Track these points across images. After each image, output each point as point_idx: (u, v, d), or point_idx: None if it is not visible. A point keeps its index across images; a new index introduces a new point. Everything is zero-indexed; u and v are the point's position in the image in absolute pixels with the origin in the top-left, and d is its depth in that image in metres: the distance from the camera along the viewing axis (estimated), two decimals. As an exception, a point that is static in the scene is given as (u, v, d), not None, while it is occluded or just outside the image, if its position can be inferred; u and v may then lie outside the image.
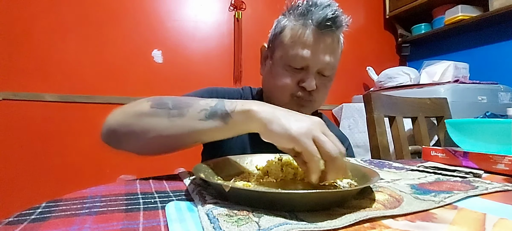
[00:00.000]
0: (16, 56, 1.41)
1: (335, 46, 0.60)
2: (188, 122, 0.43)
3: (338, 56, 0.63)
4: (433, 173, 0.49)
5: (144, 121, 0.44)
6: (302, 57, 0.58)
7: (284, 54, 0.61)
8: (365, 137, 1.68)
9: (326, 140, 0.35)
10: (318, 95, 0.62)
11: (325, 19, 0.56)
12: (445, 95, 1.32)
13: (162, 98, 0.46)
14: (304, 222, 0.24)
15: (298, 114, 0.39)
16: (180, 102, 0.44)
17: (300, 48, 0.58)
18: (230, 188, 0.28)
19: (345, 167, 0.36)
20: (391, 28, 2.38)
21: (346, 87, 2.16)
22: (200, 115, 0.42)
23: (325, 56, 0.59)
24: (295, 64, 0.59)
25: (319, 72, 0.61)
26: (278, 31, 0.63)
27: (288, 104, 0.61)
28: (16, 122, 1.41)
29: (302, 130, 0.35)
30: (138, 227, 0.25)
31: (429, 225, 0.25)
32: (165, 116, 0.43)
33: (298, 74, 0.60)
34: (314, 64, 0.59)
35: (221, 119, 0.42)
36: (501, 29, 1.79)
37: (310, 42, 0.58)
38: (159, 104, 0.44)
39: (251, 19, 1.88)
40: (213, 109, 0.42)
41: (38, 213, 0.28)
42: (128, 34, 1.62)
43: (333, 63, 0.61)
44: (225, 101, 0.43)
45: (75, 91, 1.51)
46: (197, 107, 0.43)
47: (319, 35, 0.58)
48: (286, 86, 0.60)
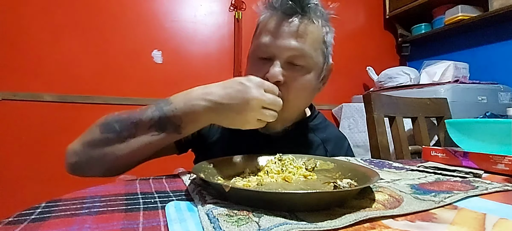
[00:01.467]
0: (16, 56, 1.41)
1: (304, 31, 0.53)
2: (141, 139, 0.45)
3: (314, 44, 0.54)
4: (433, 173, 0.49)
5: (99, 148, 0.46)
6: (265, 44, 0.53)
7: (253, 46, 0.58)
8: (365, 137, 1.68)
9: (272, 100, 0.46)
10: (289, 90, 0.53)
11: (287, 1, 0.52)
12: (445, 96, 1.32)
13: (108, 121, 0.47)
14: (304, 222, 0.24)
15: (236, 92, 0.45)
16: (126, 122, 0.46)
17: (264, 35, 0.54)
18: (230, 188, 0.28)
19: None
20: (391, 28, 2.38)
21: (346, 87, 2.16)
22: (150, 131, 0.45)
23: (290, 41, 0.52)
24: (260, 53, 0.55)
25: (289, 62, 0.53)
26: (256, 26, 0.61)
27: None
28: (16, 122, 1.41)
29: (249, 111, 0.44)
30: (138, 227, 0.25)
31: (429, 225, 0.25)
32: (116, 140, 0.45)
33: (265, 66, 0.53)
34: (278, 50, 0.52)
35: (174, 129, 0.45)
36: (501, 29, 1.79)
37: (273, 28, 0.53)
38: (107, 129, 0.46)
39: (251, 19, 1.88)
40: (162, 123, 0.45)
41: (38, 213, 0.28)
42: (128, 35, 1.62)
43: (302, 49, 0.52)
44: (165, 108, 0.45)
45: (75, 92, 1.51)
46: (144, 124, 0.45)
47: (284, 20, 0.53)
48: None
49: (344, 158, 0.60)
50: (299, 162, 0.47)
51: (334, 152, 0.67)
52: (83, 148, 0.47)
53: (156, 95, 1.65)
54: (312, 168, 0.46)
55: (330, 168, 0.46)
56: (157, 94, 1.65)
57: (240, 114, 0.44)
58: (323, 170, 0.46)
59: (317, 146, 0.65)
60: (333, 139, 0.68)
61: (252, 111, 0.43)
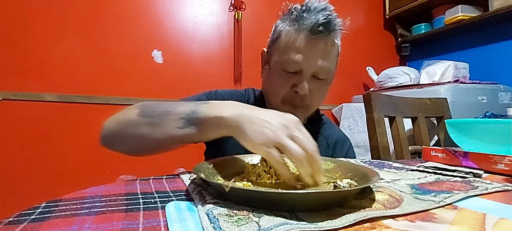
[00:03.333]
0: (16, 56, 1.41)
1: (329, 51, 0.61)
2: (166, 129, 0.46)
3: (333, 60, 0.63)
4: (433, 173, 0.49)
5: (131, 128, 0.49)
6: (295, 62, 0.59)
7: (279, 59, 0.62)
8: (365, 137, 1.69)
9: (289, 145, 0.35)
10: (312, 99, 0.63)
11: (317, 24, 0.57)
12: (445, 96, 1.32)
13: (148, 106, 0.50)
14: (304, 222, 0.24)
15: (267, 119, 0.38)
16: (162, 111, 0.48)
17: (293, 53, 0.59)
18: (230, 188, 0.28)
19: (316, 167, 0.36)
20: (391, 28, 2.38)
21: (346, 87, 2.16)
22: (177, 123, 0.46)
23: (318, 61, 0.59)
24: (289, 68, 0.60)
25: (314, 75, 0.61)
26: (275, 37, 0.65)
27: (283, 106, 0.62)
28: (16, 122, 1.41)
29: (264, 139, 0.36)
30: (138, 227, 0.25)
31: (429, 225, 0.25)
32: (148, 124, 0.47)
33: (292, 78, 0.61)
34: (307, 68, 0.60)
35: (195, 126, 0.45)
36: (501, 29, 1.79)
37: (303, 47, 0.59)
38: (144, 113, 0.49)
39: (251, 19, 1.88)
40: (189, 117, 0.45)
41: (38, 213, 0.28)
42: (128, 35, 1.62)
43: (327, 67, 0.61)
44: (200, 108, 0.45)
45: (75, 92, 1.51)
46: (175, 115, 0.46)
47: (312, 40, 0.58)
48: (280, 90, 0.62)
49: (344, 158, 0.60)
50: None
51: (337, 150, 0.73)
52: (118, 125, 0.51)
53: (157, 95, 1.65)
54: None
55: (330, 168, 0.46)
56: (158, 94, 1.65)
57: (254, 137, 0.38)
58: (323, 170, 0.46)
59: (322, 144, 0.71)
60: (336, 139, 0.74)
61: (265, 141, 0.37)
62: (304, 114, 0.64)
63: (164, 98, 1.65)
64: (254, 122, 0.39)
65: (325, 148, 0.72)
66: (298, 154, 0.34)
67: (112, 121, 0.52)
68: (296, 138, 0.36)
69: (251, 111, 0.41)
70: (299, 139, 0.36)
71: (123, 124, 0.50)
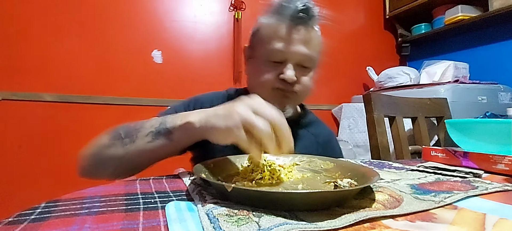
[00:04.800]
0: (16, 56, 1.41)
1: (310, 37, 0.62)
2: (138, 146, 0.49)
3: (316, 48, 0.64)
4: (433, 173, 0.49)
5: (105, 153, 0.51)
6: (279, 50, 0.60)
7: (263, 50, 0.63)
8: (365, 137, 1.69)
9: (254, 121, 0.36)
10: (300, 87, 0.63)
11: (296, 11, 0.58)
12: (445, 96, 1.32)
13: (117, 129, 0.52)
14: (304, 222, 0.24)
15: (231, 106, 0.40)
16: (130, 130, 0.50)
17: (276, 42, 0.60)
18: (232, 188, 0.28)
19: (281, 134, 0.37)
20: (391, 28, 2.38)
21: (346, 87, 2.16)
22: (147, 138, 0.48)
23: (301, 48, 0.61)
24: (273, 58, 0.61)
25: (299, 64, 0.62)
26: (256, 29, 0.66)
27: (271, 97, 0.61)
28: (16, 122, 1.41)
29: (231, 124, 0.37)
30: (138, 227, 0.25)
31: (429, 225, 0.25)
32: (119, 145, 0.50)
33: (278, 68, 0.62)
34: (291, 56, 0.61)
35: (165, 137, 0.47)
36: (501, 29, 1.79)
37: (285, 36, 0.60)
38: (114, 137, 0.51)
39: (251, 19, 1.88)
40: (158, 130, 0.48)
41: (37, 213, 0.28)
42: (128, 34, 1.62)
43: (310, 54, 0.62)
44: (168, 119, 0.48)
45: (75, 92, 1.50)
46: (144, 131, 0.49)
47: (293, 28, 0.60)
48: (267, 80, 0.62)
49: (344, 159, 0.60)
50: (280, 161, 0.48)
51: (325, 146, 0.74)
52: (92, 153, 0.53)
53: (156, 95, 1.65)
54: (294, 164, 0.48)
55: (330, 167, 0.46)
56: (157, 94, 1.65)
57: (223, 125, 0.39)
58: (323, 170, 0.46)
59: (310, 140, 0.72)
60: (323, 134, 0.76)
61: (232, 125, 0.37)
62: (294, 101, 0.66)
63: (164, 98, 1.65)
64: (219, 114, 0.40)
65: (315, 146, 0.72)
66: (265, 126, 0.36)
67: (86, 151, 0.53)
68: (262, 113, 0.38)
69: (216, 108, 0.43)
70: (264, 113, 0.37)
71: (97, 150, 0.52)
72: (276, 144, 0.37)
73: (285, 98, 0.63)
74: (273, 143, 0.36)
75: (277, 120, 0.37)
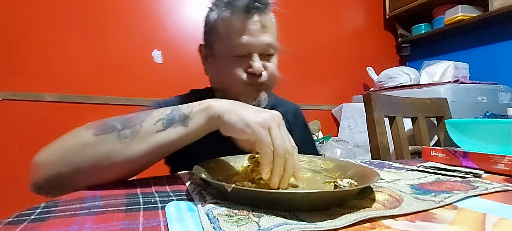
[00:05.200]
0: (16, 56, 1.41)
1: (268, 25, 0.60)
2: (145, 137, 0.39)
3: (275, 34, 0.63)
4: (433, 173, 0.49)
5: (90, 153, 0.38)
6: (242, 44, 0.58)
7: (224, 46, 0.61)
8: (365, 137, 1.68)
9: (278, 134, 0.36)
10: (268, 76, 0.62)
11: (251, 1, 0.57)
12: (445, 96, 1.32)
13: (105, 121, 0.41)
14: (304, 222, 0.24)
15: (257, 108, 0.40)
16: (129, 120, 0.41)
17: (237, 36, 0.58)
18: (232, 188, 0.28)
19: (292, 167, 0.35)
20: (391, 28, 2.38)
21: (346, 87, 2.16)
22: (157, 126, 0.40)
23: (263, 37, 0.59)
24: (237, 52, 0.59)
25: (262, 53, 0.61)
26: (210, 26, 0.64)
27: (244, 94, 0.60)
28: (16, 122, 1.41)
29: (258, 119, 0.37)
30: (138, 227, 0.25)
31: (429, 225, 0.25)
32: (115, 140, 0.39)
33: (243, 62, 0.60)
34: (255, 47, 0.59)
35: (181, 123, 0.40)
36: (501, 29, 1.79)
37: (244, 28, 0.58)
38: (105, 129, 0.40)
39: (251, 19, 1.88)
40: (170, 116, 0.41)
41: (37, 213, 0.28)
42: (128, 34, 1.61)
43: (272, 41, 0.61)
44: (180, 106, 0.43)
45: (75, 91, 1.50)
46: (151, 119, 0.41)
47: (251, 18, 0.58)
48: (236, 77, 0.60)
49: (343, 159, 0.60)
50: None
51: (294, 123, 0.74)
52: (66, 156, 0.39)
53: (156, 95, 1.64)
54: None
55: (330, 167, 0.46)
56: (157, 94, 1.65)
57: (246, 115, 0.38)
58: (323, 170, 0.46)
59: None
60: (290, 112, 0.76)
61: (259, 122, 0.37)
62: (267, 92, 0.64)
63: (165, 98, 1.65)
64: (245, 107, 0.40)
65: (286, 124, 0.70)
66: (284, 146, 0.35)
67: (50, 154, 0.40)
68: (282, 132, 0.37)
69: (239, 103, 0.41)
70: (285, 134, 0.37)
71: (73, 153, 0.39)
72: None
73: (259, 92, 0.62)
74: (280, 167, 0.34)
75: (291, 148, 0.36)
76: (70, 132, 0.42)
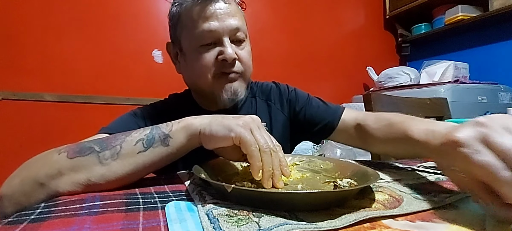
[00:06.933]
0: (16, 56, 1.41)
1: (232, 8, 0.59)
2: (126, 159, 0.38)
3: (242, 18, 0.62)
4: (433, 173, 0.49)
5: (66, 178, 0.36)
6: (209, 30, 0.56)
7: (191, 37, 0.58)
8: (365, 137, 1.68)
9: (260, 135, 0.37)
10: (242, 64, 0.59)
11: None
12: (445, 95, 1.32)
13: (79, 144, 0.40)
14: (304, 222, 0.24)
15: (236, 116, 0.41)
16: (108, 142, 0.40)
17: (202, 23, 0.56)
18: (232, 188, 0.28)
19: (279, 164, 0.36)
20: (391, 28, 2.38)
21: (346, 87, 2.16)
22: (137, 147, 0.39)
23: (229, 20, 0.57)
24: (205, 40, 0.57)
25: (233, 39, 0.58)
26: (175, 20, 0.61)
27: (216, 86, 0.58)
28: (16, 122, 1.41)
29: (239, 122, 0.38)
30: (138, 227, 0.25)
31: (429, 225, 0.25)
32: (95, 162, 0.37)
33: (213, 50, 0.57)
34: (223, 32, 0.56)
35: (161, 142, 0.40)
36: (501, 29, 1.79)
37: (209, 14, 0.56)
38: (81, 151, 0.38)
39: (251, 19, 1.87)
40: (150, 136, 0.40)
41: (37, 213, 0.28)
42: (128, 34, 1.61)
43: (240, 24, 0.59)
44: (160, 125, 0.42)
45: (75, 91, 1.50)
46: (131, 140, 0.40)
47: (210, 5, 0.56)
48: (206, 67, 0.57)
49: (343, 159, 0.60)
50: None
51: (281, 103, 0.71)
52: (39, 181, 0.36)
53: (156, 95, 1.64)
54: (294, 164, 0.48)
55: (329, 167, 0.46)
56: (157, 94, 1.64)
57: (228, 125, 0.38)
58: (322, 170, 0.46)
59: (269, 108, 0.70)
60: (273, 94, 0.72)
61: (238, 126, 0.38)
62: (242, 82, 0.60)
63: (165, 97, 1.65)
64: (224, 117, 0.40)
65: (275, 111, 0.69)
66: (268, 144, 0.36)
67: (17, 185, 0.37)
68: (263, 133, 0.38)
69: (218, 115, 0.42)
70: (266, 134, 0.38)
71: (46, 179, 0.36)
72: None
73: (234, 81, 0.58)
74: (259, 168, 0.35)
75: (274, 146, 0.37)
76: (37, 156, 0.40)
